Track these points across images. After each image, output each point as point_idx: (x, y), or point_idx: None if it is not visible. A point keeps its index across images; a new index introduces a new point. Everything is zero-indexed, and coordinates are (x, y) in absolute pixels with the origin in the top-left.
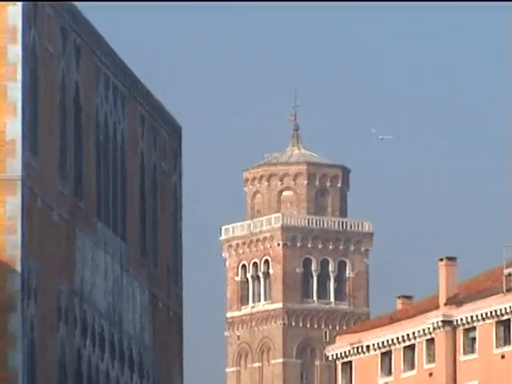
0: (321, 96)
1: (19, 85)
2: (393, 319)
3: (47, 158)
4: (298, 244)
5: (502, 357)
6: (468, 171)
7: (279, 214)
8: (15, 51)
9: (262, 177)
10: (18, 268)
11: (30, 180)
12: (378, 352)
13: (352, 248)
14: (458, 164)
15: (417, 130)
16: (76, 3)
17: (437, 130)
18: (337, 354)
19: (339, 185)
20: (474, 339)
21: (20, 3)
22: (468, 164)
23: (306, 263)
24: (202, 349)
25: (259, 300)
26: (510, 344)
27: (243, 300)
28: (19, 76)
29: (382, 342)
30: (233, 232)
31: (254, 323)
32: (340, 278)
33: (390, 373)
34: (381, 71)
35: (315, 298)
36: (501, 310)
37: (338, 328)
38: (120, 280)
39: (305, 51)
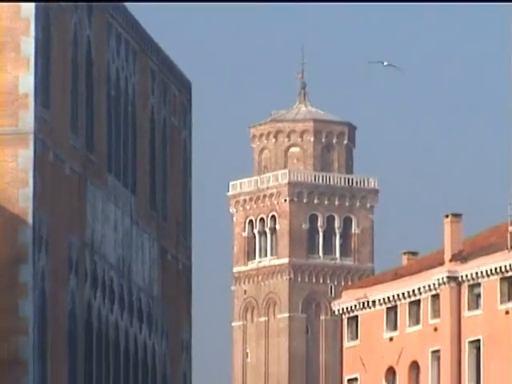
0: (328, 54)
1: (32, 40)
2: (398, 275)
3: (59, 112)
4: (305, 200)
5: (506, 312)
6: (473, 128)
7: (286, 171)
8: (28, 6)
9: (269, 133)
10: (30, 220)
11: (42, 133)
12: (384, 307)
13: (357, 204)
14: (463, 121)
15: (423, 85)
16: None
17: (441, 86)
18: (343, 309)
19: (345, 141)
20: (478, 295)
21: None
22: (473, 120)
23: (312, 219)
24: (208, 303)
25: (265, 255)
26: (509, 300)
27: (250, 255)
28: (32, 31)
29: (388, 297)
30: (240, 188)
31: (260, 278)
32: (345, 234)
33: (395, 327)
34: (388, 29)
35: (321, 253)
36: (505, 266)
37: (343, 283)
38: (130, 232)
39: (312, 8)
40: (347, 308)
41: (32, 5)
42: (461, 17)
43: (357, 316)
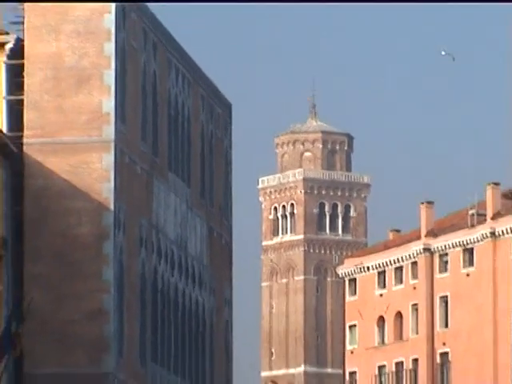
0: (332, 81)
1: (112, 72)
2: (386, 247)
3: (132, 126)
4: (315, 192)
5: (467, 275)
6: (445, 133)
7: (301, 170)
8: (109, 47)
9: (288, 142)
10: (111, 207)
11: (120, 142)
12: (376, 271)
13: (354, 195)
14: (434, 127)
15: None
16: (151, 7)
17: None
18: (345, 273)
19: (345, 148)
20: (446, 262)
21: (113, 11)
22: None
23: (321, 206)
24: (244, 269)
25: (286, 233)
26: (473, 265)
27: (274, 232)
28: (112, 65)
29: (378, 264)
30: (267, 182)
31: (282, 250)
32: (346, 217)
33: (384, 286)
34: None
35: (327, 231)
36: (466, 240)
37: (344, 253)
38: (185, 216)
39: (322, 44)
40: (348, 272)
41: (112, 44)
42: (459, 17)
43: (355, 278)
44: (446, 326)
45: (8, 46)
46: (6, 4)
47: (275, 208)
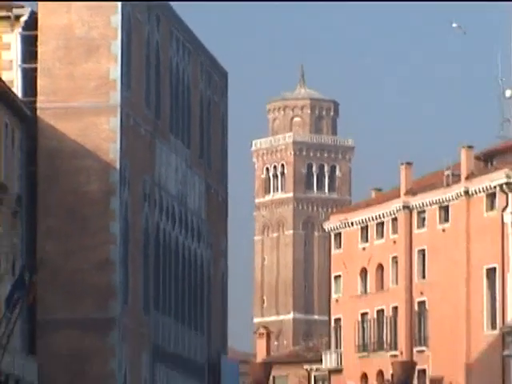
0: (320, 50)
1: (118, 42)
2: (368, 204)
3: (137, 92)
4: (304, 153)
5: (443, 230)
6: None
7: (291, 133)
8: (116, 19)
9: (279, 108)
10: (117, 166)
11: (126, 106)
12: (359, 226)
13: (340, 157)
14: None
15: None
16: None
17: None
18: (331, 228)
19: (332, 113)
20: (424, 218)
21: None
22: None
23: (309, 166)
24: (238, 224)
25: (277, 191)
26: (448, 222)
27: (266, 191)
28: (119, 36)
29: (361, 220)
30: (260, 145)
31: (273, 206)
32: (332, 177)
33: (367, 240)
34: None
35: (315, 189)
36: (442, 198)
37: (330, 210)
38: (185, 174)
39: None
40: (334, 227)
41: (119, 17)
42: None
43: (340, 232)
44: (424, 277)
45: (23, 19)
46: None
47: (267, 168)
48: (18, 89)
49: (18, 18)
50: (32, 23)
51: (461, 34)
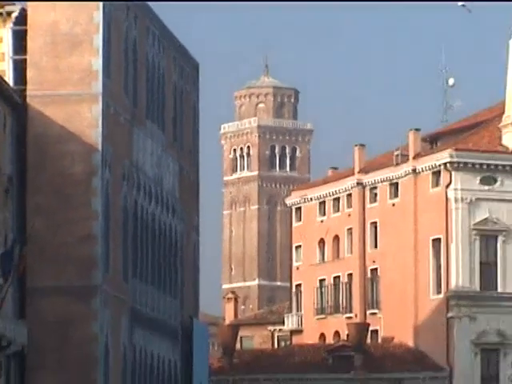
0: (283, 44)
1: (100, 37)
2: (325, 181)
3: (117, 82)
4: (267, 136)
5: (393, 205)
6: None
7: (256, 118)
8: (98, 16)
9: (245, 95)
10: (99, 149)
11: (106, 96)
12: (317, 201)
13: (300, 139)
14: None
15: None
16: None
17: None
18: (292, 203)
19: (292, 100)
20: (375, 194)
21: None
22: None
23: (272, 148)
24: (209, 200)
25: (243, 170)
26: (397, 197)
27: (233, 170)
28: (100, 32)
29: (320, 195)
30: (228, 128)
31: (240, 184)
32: (293, 157)
33: (324, 214)
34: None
35: (277, 168)
36: (392, 176)
37: (291, 187)
38: (160, 157)
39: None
40: (294, 202)
41: (100, 14)
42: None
43: (300, 207)
44: (376, 246)
45: (14, 15)
46: None
47: (234, 150)
48: (9, 78)
49: (9, 14)
50: (22, 19)
51: (466, 12)
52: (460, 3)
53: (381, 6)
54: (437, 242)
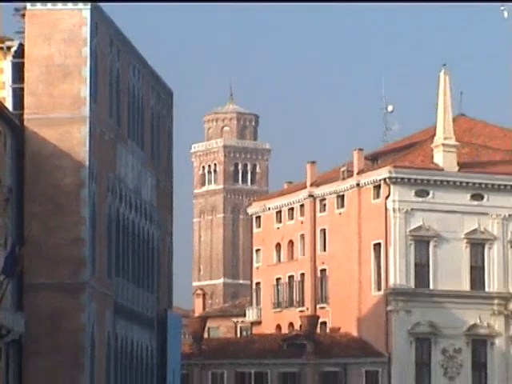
0: (246, 76)
1: (88, 69)
2: (282, 193)
3: (102, 107)
4: (231, 155)
5: (340, 214)
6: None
7: (222, 139)
8: (86, 51)
9: (213, 119)
10: (87, 164)
11: (93, 118)
12: (274, 211)
13: (259, 157)
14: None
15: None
16: (116, 21)
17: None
18: (253, 212)
19: (253, 124)
20: (325, 204)
21: (89, 25)
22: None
23: (236, 165)
24: (181, 209)
25: (211, 183)
26: (344, 207)
27: (202, 183)
28: (88, 64)
29: (277, 205)
30: (198, 148)
31: (208, 195)
32: (253, 173)
33: (280, 221)
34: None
35: (240, 182)
36: (339, 189)
37: (252, 198)
38: (140, 171)
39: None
40: (255, 211)
41: (88, 49)
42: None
43: (260, 215)
44: (325, 250)
45: (13, 49)
46: (12, 17)
47: (203, 166)
48: (9, 104)
49: (9, 48)
50: (20, 52)
51: (503, 18)
52: (502, 7)
53: (333, 38)
54: (377, 246)
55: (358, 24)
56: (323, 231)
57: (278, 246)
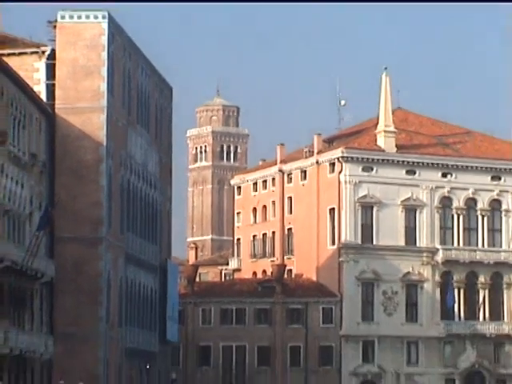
0: (231, 75)
1: (105, 68)
2: (257, 169)
3: (117, 99)
4: (218, 139)
5: (303, 185)
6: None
7: (210, 126)
8: (104, 55)
9: (203, 110)
10: (104, 144)
11: (110, 108)
12: (251, 182)
13: (240, 140)
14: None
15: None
16: (128, 31)
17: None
18: (235, 183)
19: (235, 114)
20: (291, 177)
21: (106, 34)
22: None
23: (222, 146)
24: (178, 181)
25: (202, 161)
26: (306, 179)
27: (195, 160)
28: (105, 65)
29: (253, 178)
30: (191, 132)
31: (199, 170)
32: (235, 153)
33: (256, 191)
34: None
35: (225, 160)
36: (303, 166)
37: (234, 173)
38: (146, 150)
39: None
40: (236, 183)
41: (106, 54)
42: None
43: (240, 186)
44: (291, 213)
45: (46, 53)
46: (46, 27)
47: (196, 147)
48: (43, 96)
49: (43, 52)
50: (52, 56)
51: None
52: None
53: (302, 39)
54: (332, 210)
55: (319, 28)
56: (290, 198)
57: (254, 210)
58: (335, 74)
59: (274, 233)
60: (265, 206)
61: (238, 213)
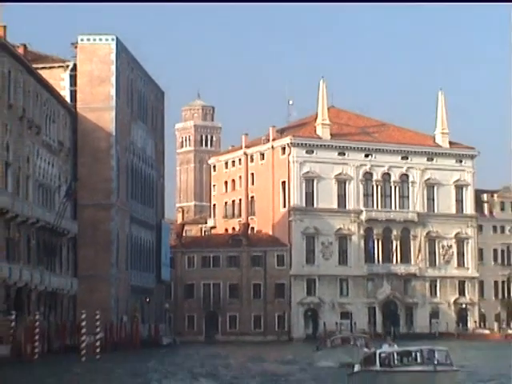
0: (210, 78)
1: (114, 78)
2: (228, 152)
3: (122, 101)
4: (198, 130)
5: (262, 164)
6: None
7: (193, 121)
8: (113, 68)
9: (187, 109)
10: (114, 134)
11: (117, 107)
12: (223, 162)
13: (215, 131)
14: None
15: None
16: (130, 49)
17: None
18: (211, 163)
19: (211, 112)
20: (253, 158)
21: (115, 52)
22: None
23: (201, 136)
24: (169, 161)
25: (187, 146)
26: (264, 160)
27: (182, 146)
28: (114, 75)
29: (225, 159)
30: (178, 126)
31: (185, 154)
32: (212, 140)
33: (227, 168)
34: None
35: (204, 145)
36: (261, 149)
37: (211, 155)
38: (145, 138)
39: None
40: (213, 162)
41: (114, 67)
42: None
43: (215, 165)
44: (253, 184)
45: (70, 67)
46: (69, 48)
47: (182, 137)
48: (68, 99)
49: (67, 66)
50: (74, 69)
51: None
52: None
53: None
54: (284, 183)
55: (272, 38)
56: (252, 174)
57: (226, 182)
58: (285, 80)
59: (240, 200)
60: (233, 180)
61: (213, 185)
